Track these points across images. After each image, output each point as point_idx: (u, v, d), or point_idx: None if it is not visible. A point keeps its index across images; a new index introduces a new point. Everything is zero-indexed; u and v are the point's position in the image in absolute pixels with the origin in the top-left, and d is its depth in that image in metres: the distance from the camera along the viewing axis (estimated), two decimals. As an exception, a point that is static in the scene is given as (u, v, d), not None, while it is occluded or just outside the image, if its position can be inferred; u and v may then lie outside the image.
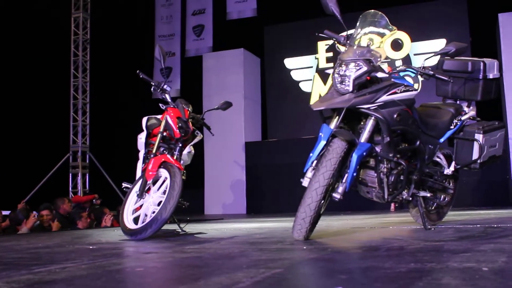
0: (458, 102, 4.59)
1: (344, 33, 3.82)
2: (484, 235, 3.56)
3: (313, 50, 12.86)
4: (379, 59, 3.65)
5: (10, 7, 13.00)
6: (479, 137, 4.30)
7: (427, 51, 11.34)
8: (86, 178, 13.83)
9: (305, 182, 3.48)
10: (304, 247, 3.11)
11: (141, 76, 5.03)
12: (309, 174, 3.49)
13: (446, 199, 4.57)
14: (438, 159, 4.37)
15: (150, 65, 13.64)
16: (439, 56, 4.22)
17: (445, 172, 4.37)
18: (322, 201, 3.39)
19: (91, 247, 3.65)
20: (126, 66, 11.95)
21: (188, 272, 2.29)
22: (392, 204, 8.65)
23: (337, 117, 3.62)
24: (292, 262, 2.50)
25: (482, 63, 4.43)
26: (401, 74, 3.92)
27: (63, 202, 7.83)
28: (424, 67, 3.86)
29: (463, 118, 4.41)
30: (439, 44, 11.30)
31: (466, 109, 4.50)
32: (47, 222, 7.13)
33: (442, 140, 4.30)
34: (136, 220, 4.32)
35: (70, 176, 13.67)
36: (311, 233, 3.49)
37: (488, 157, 4.39)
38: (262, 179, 12.08)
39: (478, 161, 4.34)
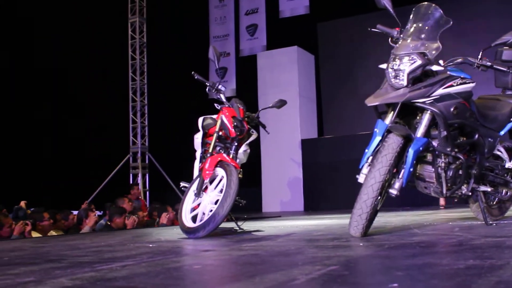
0: (519, 93, 4.43)
1: (398, 27, 3.76)
2: (549, 230, 3.44)
3: (367, 45, 12.71)
4: (434, 52, 3.59)
5: (68, 15, 13.46)
6: (542, 129, 4.15)
7: (485, 42, 11.00)
8: (146, 178, 14.15)
9: (360, 178, 3.45)
10: (361, 244, 3.09)
11: (196, 77, 5.10)
12: (364, 170, 3.46)
13: (508, 193, 4.43)
14: (498, 153, 4.25)
15: (205, 66, 13.81)
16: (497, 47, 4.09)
17: (506, 166, 4.24)
18: (379, 197, 3.36)
19: (150, 245, 3.75)
20: (182, 67, 12.15)
21: (244, 270, 2.32)
22: (442, 199, 8.44)
23: (392, 112, 3.58)
24: (348, 259, 2.49)
25: (543, 52, 4.26)
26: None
27: (123, 202, 8.04)
28: (481, 58, 3.76)
29: (524, 109, 4.26)
30: (498, 34, 10.94)
31: (527, 100, 4.34)
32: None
33: (502, 133, 4.16)
34: (194, 219, 4.39)
35: (131, 177, 14.02)
36: (368, 229, 3.46)
37: (553, 149, 4.24)
38: (319, 176, 12.03)
39: (542, 154, 4.20)
